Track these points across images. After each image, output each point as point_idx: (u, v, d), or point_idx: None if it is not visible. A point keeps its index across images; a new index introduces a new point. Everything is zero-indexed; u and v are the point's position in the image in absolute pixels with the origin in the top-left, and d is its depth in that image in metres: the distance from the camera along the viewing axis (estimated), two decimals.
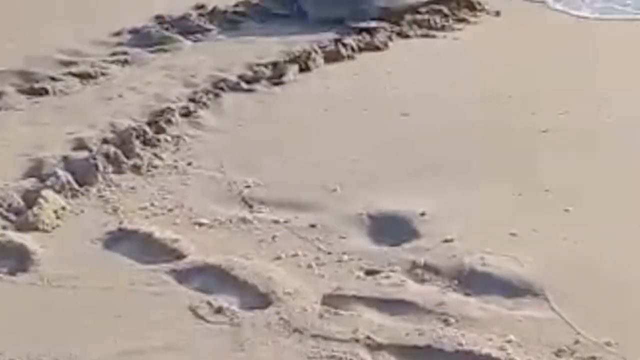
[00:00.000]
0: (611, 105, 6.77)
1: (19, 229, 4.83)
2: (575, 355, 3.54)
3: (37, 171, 5.54)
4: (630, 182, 5.32)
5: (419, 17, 9.70)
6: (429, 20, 9.62)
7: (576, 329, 3.72)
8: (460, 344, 3.60)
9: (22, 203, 5.05)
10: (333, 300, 4.03)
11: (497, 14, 10.36)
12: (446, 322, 3.80)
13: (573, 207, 4.93)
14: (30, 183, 5.34)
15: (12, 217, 4.94)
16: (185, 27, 9.27)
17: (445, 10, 9.95)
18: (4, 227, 4.85)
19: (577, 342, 3.63)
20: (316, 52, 8.21)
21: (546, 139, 6.11)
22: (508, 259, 4.32)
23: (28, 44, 8.57)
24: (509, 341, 3.63)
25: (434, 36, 9.27)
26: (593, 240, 4.54)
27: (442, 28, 9.56)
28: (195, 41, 9.00)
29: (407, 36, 9.24)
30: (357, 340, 3.68)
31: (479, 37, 9.29)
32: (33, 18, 9.93)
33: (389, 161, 5.76)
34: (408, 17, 9.66)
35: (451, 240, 4.54)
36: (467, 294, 4.06)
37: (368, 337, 3.69)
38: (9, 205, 5.05)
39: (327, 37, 8.78)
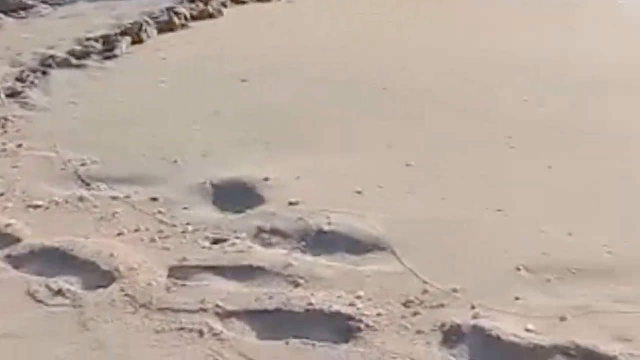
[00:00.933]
0: (447, 60, 6.90)
1: None
2: (423, 304, 3.57)
3: None
4: (465, 136, 5.41)
5: None
6: None
7: (423, 279, 3.75)
8: (311, 304, 3.56)
9: None
10: (179, 272, 3.92)
11: None
12: (295, 284, 3.75)
13: (415, 162, 4.98)
14: None
15: None
16: (5, 5, 8.85)
17: None
18: None
19: (425, 292, 3.66)
20: (148, 23, 8.02)
21: (387, 96, 6.16)
22: (354, 216, 4.31)
23: None
24: (359, 297, 3.62)
25: (268, 0, 9.22)
26: (435, 193, 4.59)
27: None
28: (18, 18, 8.62)
29: (242, 2, 9.16)
30: (205, 310, 3.59)
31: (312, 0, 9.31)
32: None
33: (230, 129, 5.66)
34: None
35: (296, 203, 4.49)
36: (315, 255, 4.02)
37: (217, 306, 3.61)
38: None
39: (159, 7, 8.57)
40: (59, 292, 3.79)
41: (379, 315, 3.49)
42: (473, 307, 3.51)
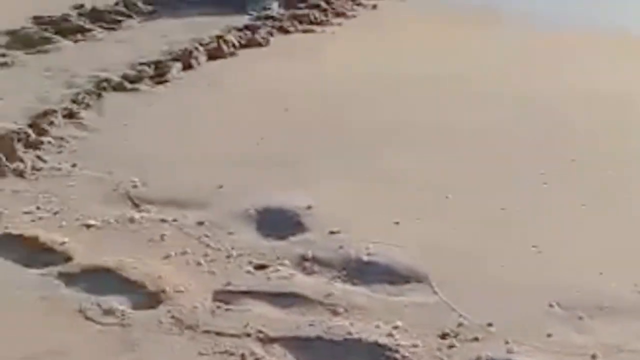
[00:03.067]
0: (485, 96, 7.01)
1: None
2: (459, 337, 3.67)
3: None
4: (501, 170, 5.53)
5: (298, 12, 9.88)
6: (308, 15, 9.78)
7: (459, 312, 3.85)
8: (350, 333, 3.68)
9: None
10: (223, 296, 4.05)
11: (374, 7, 10.62)
12: (335, 313, 3.87)
13: (452, 194, 5.10)
14: None
15: None
16: (64, 28, 9.13)
17: (324, 4, 10.15)
18: None
19: (460, 324, 3.76)
20: (198, 49, 8.24)
21: (428, 130, 6.30)
22: (392, 247, 4.44)
23: None
24: (396, 327, 3.73)
25: (313, 31, 9.43)
26: (472, 226, 4.70)
27: (322, 22, 9.74)
28: (75, 41, 8.88)
29: (288, 31, 9.37)
30: (248, 335, 3.72)
31: (356, 30, 9.50)
32: None
33: (274, 155, 5.82)
34: (287, 12, 9.83)
35: (337, 232, 4.62)
36: (354, 284, 4.15)
37: (259, 331, 3.73)
38: None
39: (209, 34, 8.83)
40: (109, 311, 3.93)
41: (415, 346, 3.60)
42: (507, 342, 3.61)
